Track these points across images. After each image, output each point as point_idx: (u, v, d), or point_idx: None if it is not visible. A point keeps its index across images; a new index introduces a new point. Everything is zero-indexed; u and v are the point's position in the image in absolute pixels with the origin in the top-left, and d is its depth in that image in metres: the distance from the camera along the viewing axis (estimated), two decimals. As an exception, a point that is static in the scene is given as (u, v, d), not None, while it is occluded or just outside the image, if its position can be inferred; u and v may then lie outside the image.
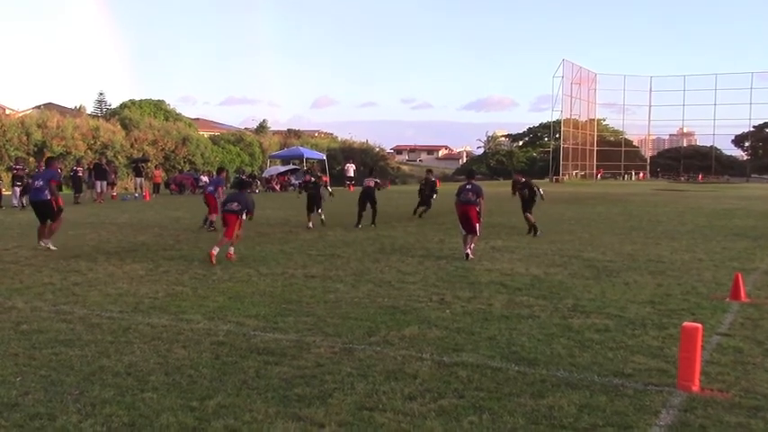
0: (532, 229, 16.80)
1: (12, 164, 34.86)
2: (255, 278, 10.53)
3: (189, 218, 18.89)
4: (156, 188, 40.04)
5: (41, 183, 14.02)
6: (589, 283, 10.32)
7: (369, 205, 18.83)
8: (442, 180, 65.22)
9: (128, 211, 24.45)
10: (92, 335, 7.09)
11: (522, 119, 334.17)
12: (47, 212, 13.80)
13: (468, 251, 12.62)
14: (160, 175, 43.23)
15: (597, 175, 76.62)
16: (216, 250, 11.94)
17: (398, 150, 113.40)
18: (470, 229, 12.89)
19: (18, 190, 27.25)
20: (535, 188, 17.57)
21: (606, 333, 7.33)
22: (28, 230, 15.97)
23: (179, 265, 11.61)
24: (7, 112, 57.64)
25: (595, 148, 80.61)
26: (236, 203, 12.56)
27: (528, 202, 17.21)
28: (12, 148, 47.69)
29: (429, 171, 25.12)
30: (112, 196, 32.87)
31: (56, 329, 7.30)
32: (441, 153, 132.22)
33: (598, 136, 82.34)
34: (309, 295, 9.22)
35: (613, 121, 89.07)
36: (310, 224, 17.87)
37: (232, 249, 12.38)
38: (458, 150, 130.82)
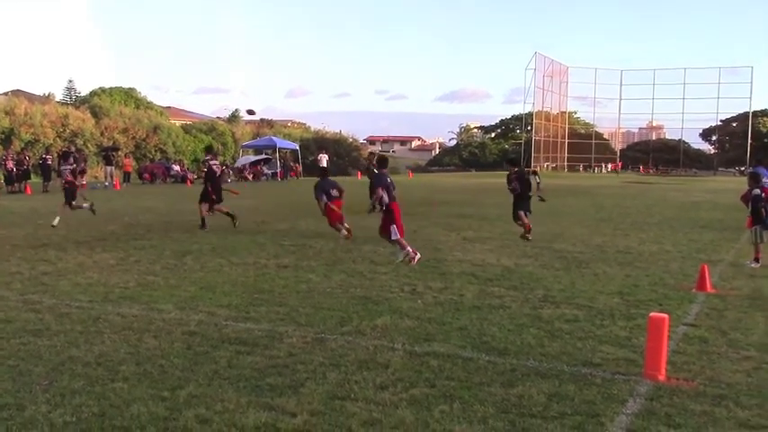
0: (527, 231, 14.06)
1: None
2: (227, 268, 10.49)
3: (160, 207, 18.73)
4: (126, 177, 39.61)
5: None
6: (559, 273, 10.43)
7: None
8: (414, 171, 65.46)
9: (97, 199, 24.14)
10: (61, 325, 7.03)
11: (495, 111, 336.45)
12: None
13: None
14: (130, 163, 42.76)
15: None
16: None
17: (372, 141, 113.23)
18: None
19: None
20: (530, 177, 14.91)
21: (575, 323, 7.43)
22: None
23: (150, 255, 11.52)
24: (-27, 98, 56.52)
25: (566, 141, 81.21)
26: None
27: (521, 197, 14.25)
28: (-22, 136, 46.81)
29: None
30: (82, 185, 32.43)
31: (24, 319, 7.23)
32: (414, 144, 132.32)
33: (569, 128, 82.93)
34: (282, 285, 9.21)
35: (584, 113, 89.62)
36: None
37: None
38: (431, 142, 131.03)
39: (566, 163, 79.61)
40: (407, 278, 9.80)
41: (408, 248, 11.18)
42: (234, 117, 76.62)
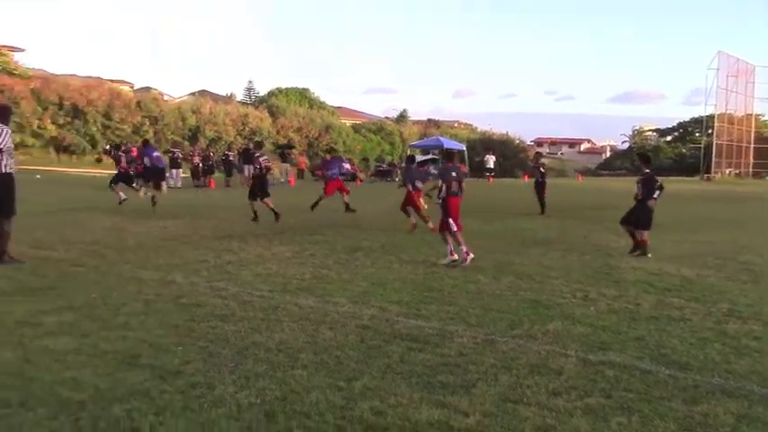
0: (638, 246, 12.51)
1: (168, 147, 37.02)
2: (397, 265, 10.68)
3: (332, 204, 19.37)
4: (300, 174, 41.40)
5: None
6: (746, 287, 9.74)
7: None
8: (583, 174, 63.54)
9: (274, 195, 25.38)
10: (244, 311, 7.45)
11: (671, 113, 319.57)
12: None
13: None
14: (304, 161, 44.64)
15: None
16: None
17: (539, 143, 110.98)
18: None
19: (175, 172, 28.98)
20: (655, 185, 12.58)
21: (765, 341, 6.91)
22: (185, 211, 16.96)
23: (323, 249, 11.96)
24: (165, 98, 61.22)
25: (752, 145, 75.66)
26: None
27: (642, 206, 12.60)
28: (169, 132, 50.60)
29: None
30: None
31: (212, 304, 7.73)
32: (582, 147, 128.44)
33: (756, 132, 77.21)
34: (451, 285, 9.25)
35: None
36: None
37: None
38: (601, 144, 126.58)
39: (750, 169, 74.16)
40: (579, 284, 9.53)
41: (463, 246, 10.96)
42: (402, 117, 77.90)
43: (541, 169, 20.68)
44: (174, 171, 29.89)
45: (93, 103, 49.13)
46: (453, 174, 11.49)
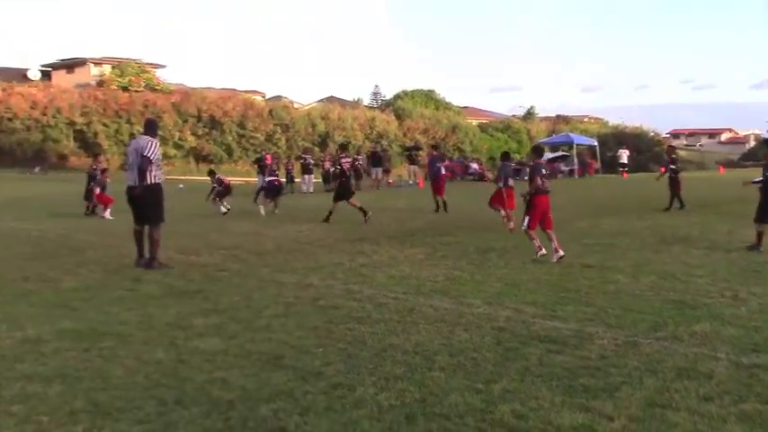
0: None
1: (300, 153, 38.18)
2: (530, 265, 10.52)
3: (461, 205, 19.38)
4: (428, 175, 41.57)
5: None
6: None
7: None
8: (725, 166, 60.17)
9: (403, 197, 25.68)
10: (380, 314, 7.56)
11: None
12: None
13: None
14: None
15: None
16: None
17: (675, 134, 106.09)
18: None
19: (308, 177, 29.83)
20: None
21: None
22: (318, 215, 17.42)
23: (455, 251, 11.95)
24: (295, 105, 63.20)
25: None
26: None
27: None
28: (299, 139, 52.19)
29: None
30: (389, 183, 34.70)
31: (349, 307, 7.89)
32: (723, 137, 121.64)
33: None
34: (587, 285, 9.01)
35: None
36: None
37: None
38: (744, 134, 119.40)
39: None
40: (727, 282, 9.03)
41: (536, 242, 11.15)
42: (529, 114, 76.71)
43: (672, 165, 19.73)
44: (306, 177, 30.76)
45: (228, 113, 51.50)
46: (543, 171, 11.43)
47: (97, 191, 19.57)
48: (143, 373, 5.62)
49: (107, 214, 19.03)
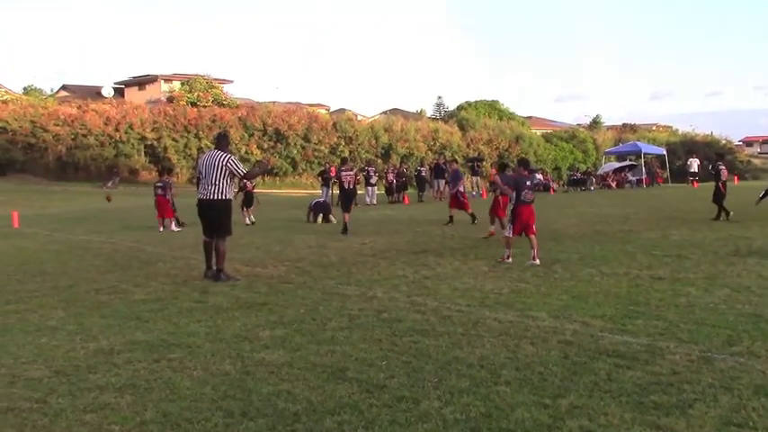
0: None
1: (363, 165, 38.37)
2: (598, 278, 10.30)
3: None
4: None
5: None
6: None
7: None
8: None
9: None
10: (444, 326, 7.50)
11: None
12: None
13: None
14: (494, 173, 44.45)
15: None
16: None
17: (748, 142, 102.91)
18: None
19: (371, 189, 29.97)
20: None
21: None
22: (381, 227, 17.47)
23: (519, 263, 11.79)
24: (359, 118, 63.69)
25: None
26: None
27: None
28: (363, 151, 52.54)
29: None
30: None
31: (412, 319, 7.86)
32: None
33: None
34: (658, 298, 8.77)
35: None
36: None
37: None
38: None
39: None
40: (806, 296, 8.68)
41: (508, 250, 12.00)
42: (595, 123, 75.55)
43: (721, 176, 19.15)
44: (369, 189, 30.91)
45: (293, 127, 52.26)
46: (528, 183, 12.23)
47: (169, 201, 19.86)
48: (211, 385, 5.71)
49: (173, 227, 19.47)
